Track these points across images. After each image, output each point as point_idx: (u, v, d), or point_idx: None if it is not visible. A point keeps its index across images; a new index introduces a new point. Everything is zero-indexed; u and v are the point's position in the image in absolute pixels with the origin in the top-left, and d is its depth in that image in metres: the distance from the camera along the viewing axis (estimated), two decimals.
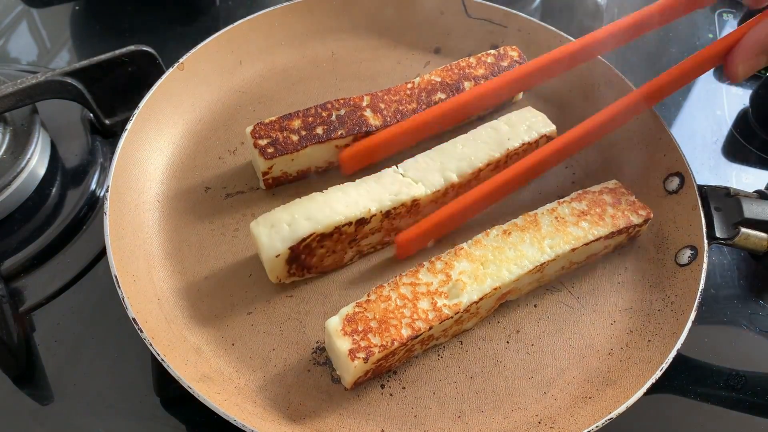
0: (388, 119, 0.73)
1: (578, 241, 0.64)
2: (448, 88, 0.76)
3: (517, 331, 0.65)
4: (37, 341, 0.64)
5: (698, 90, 0.96)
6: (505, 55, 0.80)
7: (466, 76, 0.77)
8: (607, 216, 0.66)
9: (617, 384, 0.60)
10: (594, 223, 0.66)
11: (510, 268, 0.61)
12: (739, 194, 0.68)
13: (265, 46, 0.86)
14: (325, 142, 0.70)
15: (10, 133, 0.73)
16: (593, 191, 0.69)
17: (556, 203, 0.68)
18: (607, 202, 0.68)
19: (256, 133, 0.70)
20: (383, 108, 0.74)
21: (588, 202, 0.68)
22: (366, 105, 0.74)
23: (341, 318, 0.57)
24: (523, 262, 0.62)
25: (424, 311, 0.58)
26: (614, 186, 0.70)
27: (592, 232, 0.65)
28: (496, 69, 0.78)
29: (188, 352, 0.60)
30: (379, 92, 0.75)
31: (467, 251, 0.63)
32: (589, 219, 0.66)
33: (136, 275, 0.62)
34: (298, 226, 0.62)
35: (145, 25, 0.99)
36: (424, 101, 0.75)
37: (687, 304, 0.62)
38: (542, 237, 0.64)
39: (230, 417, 0.51)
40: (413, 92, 0.76)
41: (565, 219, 0.66)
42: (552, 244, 0.63)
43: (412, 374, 0.61)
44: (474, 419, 0.59)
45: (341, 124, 0.72)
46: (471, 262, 0.62)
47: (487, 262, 0.62)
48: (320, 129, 0.71)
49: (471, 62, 0.79)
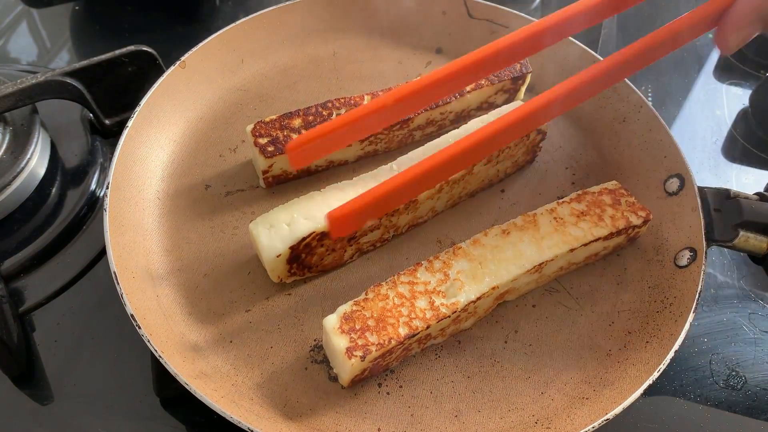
0: None
1: (577, 242, 0.64)
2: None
3: (515, 331, 0.65)
4: (37, 341, 0.64)
5: (698, 90, 0.96)
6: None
7: None
8: (607, 217, 0.66)
9: (615, 385, 0.60)
10: (593, 224, 0.65)
11: (508, 267, 0.61)
12: (739, 196, 0.68)
13: (266, 45, 0.86)
14: None
15: (10, 133, 0.73)
16: (593, 192, 0.69)
17: (556, 203, 0.68)
18: (606, 203, 0.68)
19: (256, 132, 0.70)
20: None
21: (587, 202, 0.68)
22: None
23: (338, 316, 0.57)
24: (521, 262, 0.62)
25: (421, 310, 0.58)
26: (614, 187, 0.70)
27: (591, 232, 0.65)
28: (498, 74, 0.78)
29: (186, 349, 0.60)
30: (380, 91, 0.75)
31: (466, 250, 0.63)
32: (589, 220, 0.66)
33: (135, 272, 0.63)
34: (297, 226, 0.62)
35: (145, 25, 1.00)
36: None
37: (686, 306, 0.62)
38: (541, 237, 0.64)
39: (227, 414, 0.51)
40: None
41: (564, 219, 0.66)
42: (551, 244, 0.63)
43: (410, 373, 0.61)
44: (471, 419, 0.59)
45: None
46: (469, 262, 0.62)
47: (485, 261, 0.62)
48: None
49: None
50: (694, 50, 1.01)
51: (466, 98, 0.77)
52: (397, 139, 0.77)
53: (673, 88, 0.95)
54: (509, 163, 0.75)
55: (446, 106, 0.76)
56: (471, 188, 0.74)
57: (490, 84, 0.77)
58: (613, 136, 0.79)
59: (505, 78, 0.78)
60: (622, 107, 0.78)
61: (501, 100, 0.81)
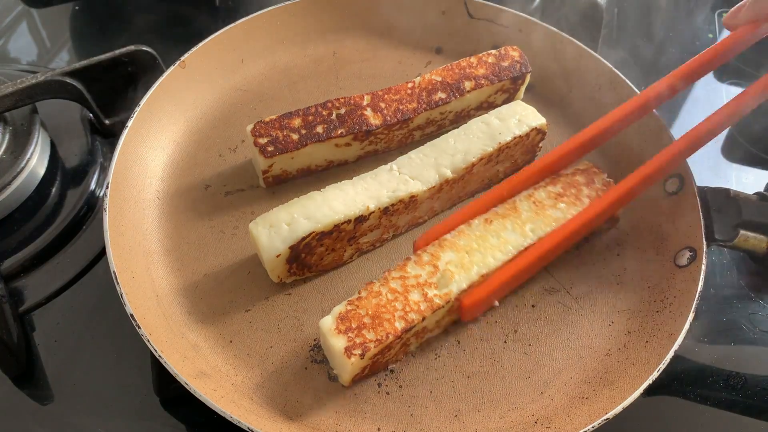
0: (388, 118, 0.73)
1: (557, 223, 0.65)
2: (449, 88, 0.76)
3: (515, 331, 0.65)
4: (37, 341, 0.64)
5: (698, 90, 0.96)
6: (506, 55, 0.80)
7: (467, 76, 0.77)
8: (583, 196, 0.68)
9: (614, 385, 0.60)
10: (571, 204, 0.67)
11: (495, 254, 0.62)
12: (739, 196, 0.68)
13: (266, 45, 0.86)
14: (325, 140, 0.71)
15: (10, 133, 0.73)
16: (566, 173, 0.70)
17: (532, 189, 0.69)
18: (581, 182, 0.69)
19: (256, 132, 0.70)
20: (383, 107, 0.74)
21: (563, 184, 0.69)
22: (366, 104, 0.74)
23: (334, 317, 0.57)
24: (507, 247, 0.63)
25: (415, 302, 0.58)
26: (586, 166, 0.71)
27: (570, 212, 0.66)
28: (496, 69, 0.78)
29: (186, 348, 0.60)
30: (380, 91, 0.75)
31: (451, 241, 0.63)
32: (566, 200, 0.67)
33: (134, 271, 0.63)
34: (297, 226, 0.62)
35: (145, 25, 0.99)
36: (425, 100, 0.75)
37: (685, 306, 0.62)
38: (523, 222, 0.65)
39: (226, 414, 0.51)
40: (414, 91, 0.76)
41: (543, 203, 0.67)
42: (533, 228, 0.65)
43: (410, 373, 0.61)
44: (470, 418, 0.59)
45: (341, 123, 0.72)
46: (456, 252, 0.62)
47: (472, 250, 0.62)
48: (320, 128, 0.71)
49: (472, 62, 0.79)
50: (694, 50, 1.01)
51: (465, 98, 0.77)
52: (396, 139, 0.77)
53: None
54: (508, 164, 0.75)
55: (446, 106, 0.76)
56: (470, 188, 0.74)
57: (489, 83, 0.77)
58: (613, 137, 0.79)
59: (505, 78, 0.78)
60: None
61: (501, 100, 0.81)
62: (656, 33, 1.03)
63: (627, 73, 0.79)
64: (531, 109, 0.74)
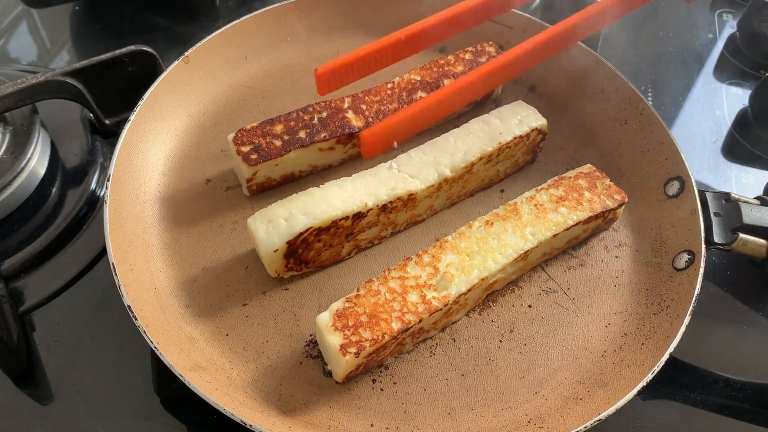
0: (370, 120, 0.73)
1: (558, 227, 0.65)
2: (428, 87, 0.76)
3: (511, 330, 0.65)
4: (37, 341, 0.64)
5: (698, 90, 0.95)
6: (482, 51, 0.80)
7: (445, 74, 0.78)
8: (585, 200, 0.67)
9: (609, 386, 0.60)
10: (572, 209, 0.67)
11: (495, 257, 0.62)
12: (740, 200, 0.67)
13: (270, 42, 0.86)
14: (308, 145, 0.71)
15: (10, 133, 0.73)
16: (569, 176, 0.70)
17: (534, 191, 0.68)
18: (583, 186, 0.69)
19: (238, 140, 0.70)
20: (365, 109, 0.74)
21: (565, 187, 0.69)
22: (347, 107, 0.74)
23: (331, 313, 0.57)
24: (507, 251, 0.63)
25: (413, 304, 0.58)
26: (589, 170, 0.71)
27: (571, 217, 0.66)
28: (474, 65, 0.78)
29: (182, 341, 0.60)
30: (360, 93, 0.76)
31: (453, 243, 0.63)
32: (567, 204, 0.67)
33: (133, 264, 0.63)
34: (295, 221, 0.62)
35: (145, 25, 1.00)
36: (405, 100, 0.75)
37: (682, 309, 0.62)
38: (524, 225, 0.65)
39: (220, 406, 0.52)
40: (394, 92, 0.76)
41: (544, 206, 0.67)
42: (534, 231, 0.64)
43: (404, 370, 0.61)
44: (464, 416, 0.59)
45: (323, 126, 0.72)
46: (457, 254, 0.62)
47: (472, 253, 0.62)
48: (303, 133, 0.71)
49: (449, 60, 0.80)
50: (694, 50, 1.01)
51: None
52: None
53: (673, 89, 0.95)
54: (509, 164, 0.75)
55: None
56: (470, 188, 0.74)
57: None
58: (613, 138, 0.79)
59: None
60: (623, 109, 0.78)
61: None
62: (655, 33, 1.03)
63: (627, 74, 0.79)
64: (532, 110, 0.74)
